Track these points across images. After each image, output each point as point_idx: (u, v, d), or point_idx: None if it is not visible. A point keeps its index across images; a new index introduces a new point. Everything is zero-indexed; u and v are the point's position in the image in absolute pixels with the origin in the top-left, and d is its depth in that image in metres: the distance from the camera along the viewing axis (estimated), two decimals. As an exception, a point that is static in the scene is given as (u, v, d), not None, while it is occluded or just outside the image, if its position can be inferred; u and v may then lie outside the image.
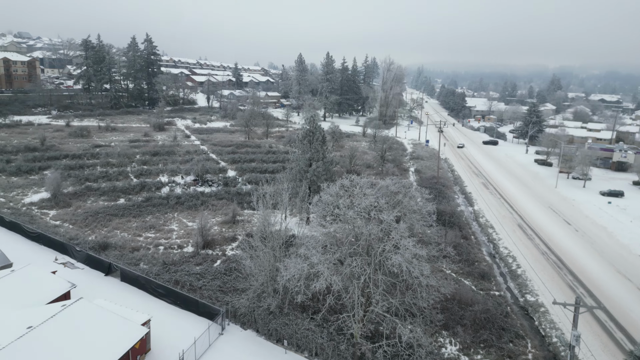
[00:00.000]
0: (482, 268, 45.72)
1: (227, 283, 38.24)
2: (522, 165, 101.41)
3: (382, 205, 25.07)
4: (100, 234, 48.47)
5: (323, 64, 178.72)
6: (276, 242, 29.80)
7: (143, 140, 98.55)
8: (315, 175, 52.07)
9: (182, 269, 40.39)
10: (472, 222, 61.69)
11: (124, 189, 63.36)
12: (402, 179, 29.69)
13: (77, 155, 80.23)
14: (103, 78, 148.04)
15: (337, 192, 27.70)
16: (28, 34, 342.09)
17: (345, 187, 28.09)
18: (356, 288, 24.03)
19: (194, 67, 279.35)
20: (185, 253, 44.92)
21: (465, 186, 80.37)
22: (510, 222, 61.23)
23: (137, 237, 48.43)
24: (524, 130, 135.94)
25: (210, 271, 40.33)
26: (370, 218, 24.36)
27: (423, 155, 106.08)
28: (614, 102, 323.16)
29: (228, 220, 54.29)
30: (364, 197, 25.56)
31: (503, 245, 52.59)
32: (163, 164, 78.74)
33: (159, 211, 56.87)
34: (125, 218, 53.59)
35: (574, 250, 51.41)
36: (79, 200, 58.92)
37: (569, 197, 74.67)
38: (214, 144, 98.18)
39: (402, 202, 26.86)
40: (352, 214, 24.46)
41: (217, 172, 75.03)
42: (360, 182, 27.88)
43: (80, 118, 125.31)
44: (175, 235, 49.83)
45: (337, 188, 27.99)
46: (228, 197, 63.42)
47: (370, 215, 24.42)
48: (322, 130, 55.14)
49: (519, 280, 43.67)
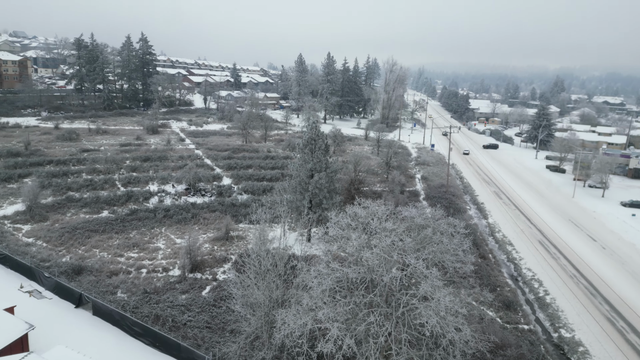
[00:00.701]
0: (506, 294, 40.57)
1: (217, 317, 33.02)
2: (533, 172, 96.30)
3: (408, 244, 19.91)
4: (77, 254, 43.22)
5: (324, 64, 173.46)
6: (272, 278, 24.61)
7: (135, 144, 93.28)
8: (317, 187, 46.93)
9: (166, 299, 35.16)
10: (488, 237, 56.55)
11: (108, 200, 58.10)
12: (425, 208, 24.22)
13: (62, 160, 74.89)
14: (96, 78, 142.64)
15: (349, 224, 22.44)
16: (24, 33, 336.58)
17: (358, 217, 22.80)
18: (372, 349, 18.89)
19: (191, 68, 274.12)
20: (170, 278, 39.72)
21: (476, 195, 75.23)
22: (529, 237, 56.08)
23: (118, 257, 43.20)
24: (532, 134, 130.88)
25: (197, 302, 35.12)
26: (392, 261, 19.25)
27: (429, 160, 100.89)
28: (618, 104, 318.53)
29: (220, 237, 49.09)
30: (383, 233, 20.41)
31: (525, 265, 47.43)
32: (154, 170, 73.51)
33: (145, 226, 51.60)
34: (107, 234, 48.33)
35: (605, 272, 46.27)
36: (57, 213, 53.64)
37: (588, 208, 69.57)
38: (209, 148, 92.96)
39: (431, 238, 21.70)
40: (370, 256, 19.31)
41: (211, 180, 69.80)
42: (378, 211, 22.61)
43: (71, 120, 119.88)
44: (161, 254, 44.60)
45: (348, 220, 22.66)
46: (222, 209, 58.18)
47: (392, 257, 19.32)
48: (325, 137, 50.03)
49: (549, 310, 38.51)
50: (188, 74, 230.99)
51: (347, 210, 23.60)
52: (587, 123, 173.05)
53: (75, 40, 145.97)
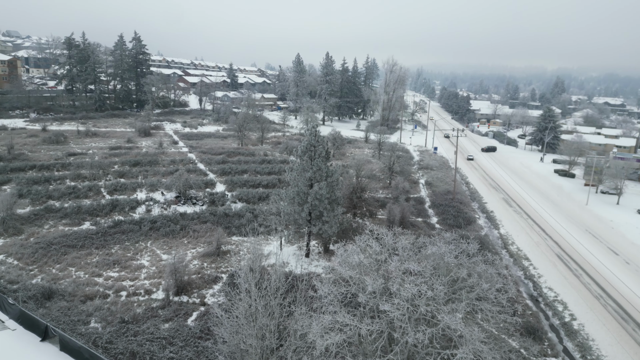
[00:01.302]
0: (528, 319, 36.38)
1: (202, 353, 28.72)
2: (541, 177, 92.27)
3: (439, 292, 15.71)
4: (50, 273, 38.85)
5: (322, 64, 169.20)
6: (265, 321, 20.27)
7: (125, 147, 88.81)
8: (317, 199, 42.68)
9: (145, 329, 30.82)
10: (501, 250, 52.41)
11: (91, 210, 53.70)
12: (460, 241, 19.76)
13: (46, 165, 70.38)
14: (87, 78, 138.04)
15: (361, 262, 18.15)
16: (17, 32, 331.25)
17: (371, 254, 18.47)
18: None
19: (187, 68, 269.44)
20: (152, 302, 35.40)
21: (484, 203, 71.11)
22: (546, 250, 51.98)
23: (96, 277, 38.83)
24: (537, 137, 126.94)
25: (181, 333, 30.81)
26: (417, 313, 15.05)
27: (432, 164, 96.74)
28: (619, 105, 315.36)
29: (211, 252, 44.76)
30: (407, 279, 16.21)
31: (546, 284, 43.27)
32: (143, 176, 69.10)
33: (129, 239, 47.22)
34: (86, 250, 43.93)
35: (633, 292, 42.17)
36: (34, 225, 49.21)
37: (604, 216, 65.51)
38: (203, 151, 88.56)
39: (466, 282, 17.48)
40: (390, 308, 15.14)
41: (203, 187, 65.47)
42: (400, 245, 18.29)
43: (60, 121, 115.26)
44: (144, 274, 40.25)
45: (360, 256, 18.34)
46: (213, 219, 53.88)
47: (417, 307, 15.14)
48: (326, 143, 45.79)
49: (578, 338, 34.37)
50: (184, 74, 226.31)
51: (356, 240, 19.37)
52: (591, 125, 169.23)
53: (66, 40, 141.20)
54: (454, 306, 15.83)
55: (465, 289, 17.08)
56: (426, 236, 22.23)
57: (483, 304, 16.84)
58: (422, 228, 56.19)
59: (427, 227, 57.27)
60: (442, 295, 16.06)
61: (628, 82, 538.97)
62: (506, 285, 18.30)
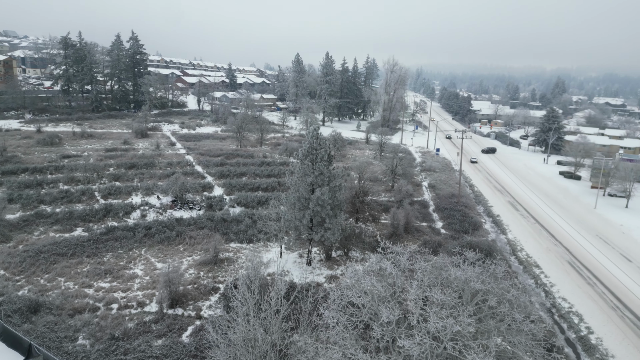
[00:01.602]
0: (543, 333, 34.34)
1: (198, 374, 26.79)
2: (546, 179, 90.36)
3: (466, 326, 13.73)
4: (38, 284, 36.86)
5: (322, 64, 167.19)
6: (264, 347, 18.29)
7: (121, 149, 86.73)
8: (319, 205, 40.71)
9: (136, 347, 28.83)
10: (510, 257, 50.45)
11: (83, 215, 51.66)
12: (488, 265, 17.72)
13: (39, 168, 68.27)
14: (84, 79, 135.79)
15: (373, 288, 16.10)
16: (14, 32, 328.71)
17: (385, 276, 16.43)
18: None
19: (186, 68, 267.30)
20: (145, 315, 33.40)
21: (490, 206, 69.15)
22: (557, 257, 50.03)
23: (86, 288, 36.83)
24: (540, 137, 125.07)
25: (175, 350, 28.81)
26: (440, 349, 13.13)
27: (435, 166, 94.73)
28: (619, 105, 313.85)
29: (208, 261, 42.76)
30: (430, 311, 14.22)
31: (559, 294, 41.31)
32: (139, 179, 67.07)
33: (122, 247, 45.22)
34: (77, 258, 41.91)
35: (649, 301, 40.27)
36: (23, 231, 47.18)
37: (614, 220, 63.64)
38: (200, 153, 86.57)
39: (495, 312, 15.55)
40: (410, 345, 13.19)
41: (200, 191, 63.49)
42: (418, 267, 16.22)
43: (56, 122, 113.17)
44: (137, 284, 38.25)
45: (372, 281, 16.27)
46: (211, 225, 51.87)
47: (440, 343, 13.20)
48: (328, 146, 43.78)
49: (597, 354, 32.41)
50: (182, 74, 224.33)
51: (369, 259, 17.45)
52: (593, 125, 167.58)
53: (62, 39, 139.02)
54: (484, 342, 13.88)
55: (494, 319, 15.12)
56: (445, 254, 20.41)
57: (517, 337, 14.86)
58: (427, 233, 54.26)
59: (432, 232, 55.34)
60: (470, 329, 14.12)
61: (627, 82, 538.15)
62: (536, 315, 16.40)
